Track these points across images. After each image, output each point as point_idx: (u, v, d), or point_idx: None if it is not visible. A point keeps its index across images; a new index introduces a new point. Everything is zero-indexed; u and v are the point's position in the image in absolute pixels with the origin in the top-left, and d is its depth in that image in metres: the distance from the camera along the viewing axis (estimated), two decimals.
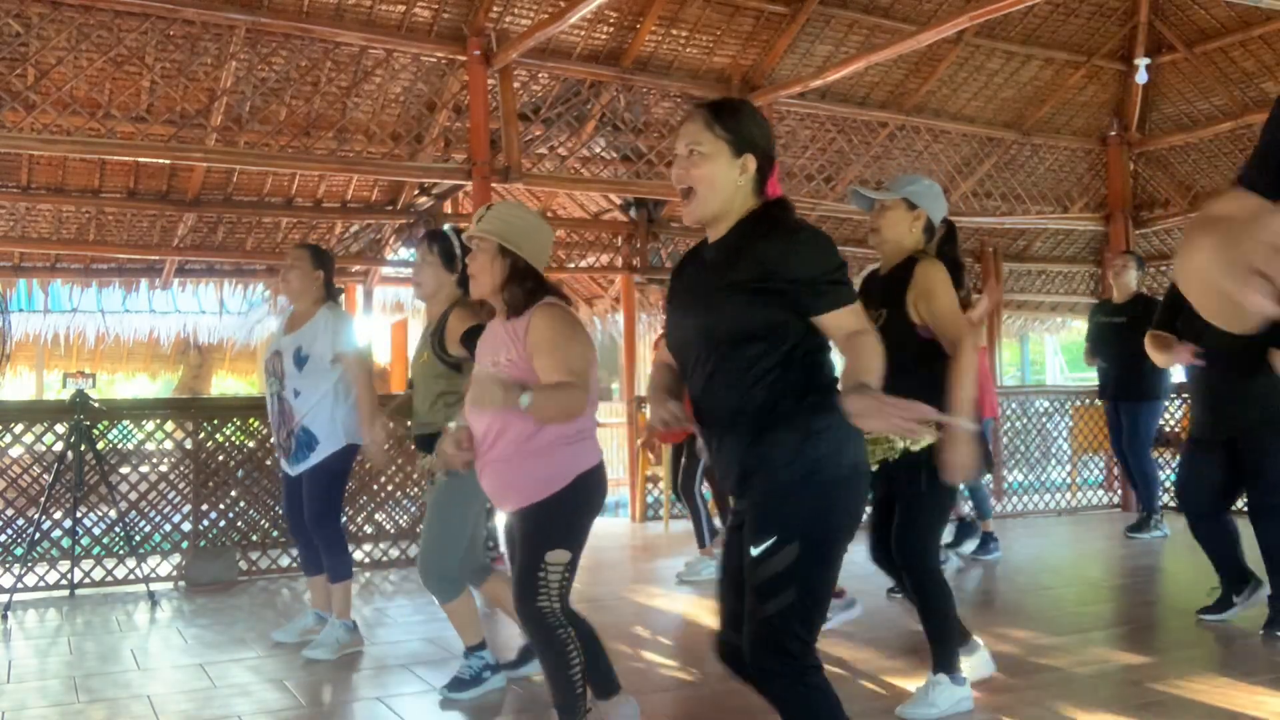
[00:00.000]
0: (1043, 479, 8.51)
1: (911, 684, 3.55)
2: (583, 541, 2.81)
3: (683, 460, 5.91)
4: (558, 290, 2.88)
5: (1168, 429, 8.00)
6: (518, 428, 2.70)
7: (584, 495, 2.76)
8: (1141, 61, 8.35)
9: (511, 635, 4.21)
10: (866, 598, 4.98)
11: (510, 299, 2.78)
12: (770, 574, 2.01)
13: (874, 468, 3.15)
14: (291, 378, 4.19)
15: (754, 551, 2.03)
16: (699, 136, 2.14)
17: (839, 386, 2.03)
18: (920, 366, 3.13)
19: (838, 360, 2.13)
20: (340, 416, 4.19)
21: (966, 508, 6.21)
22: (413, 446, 4.29)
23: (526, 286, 2.77)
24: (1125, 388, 6.76)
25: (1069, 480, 8.80)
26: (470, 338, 3.32)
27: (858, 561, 5.76)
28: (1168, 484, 7.56)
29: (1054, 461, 8.81)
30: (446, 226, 3.92)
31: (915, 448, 3.06)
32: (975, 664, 3.48)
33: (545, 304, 2.75)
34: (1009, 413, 8.55)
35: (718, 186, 2.13)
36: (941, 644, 3.25)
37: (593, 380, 2.80)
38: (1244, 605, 4.38)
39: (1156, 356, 4.88)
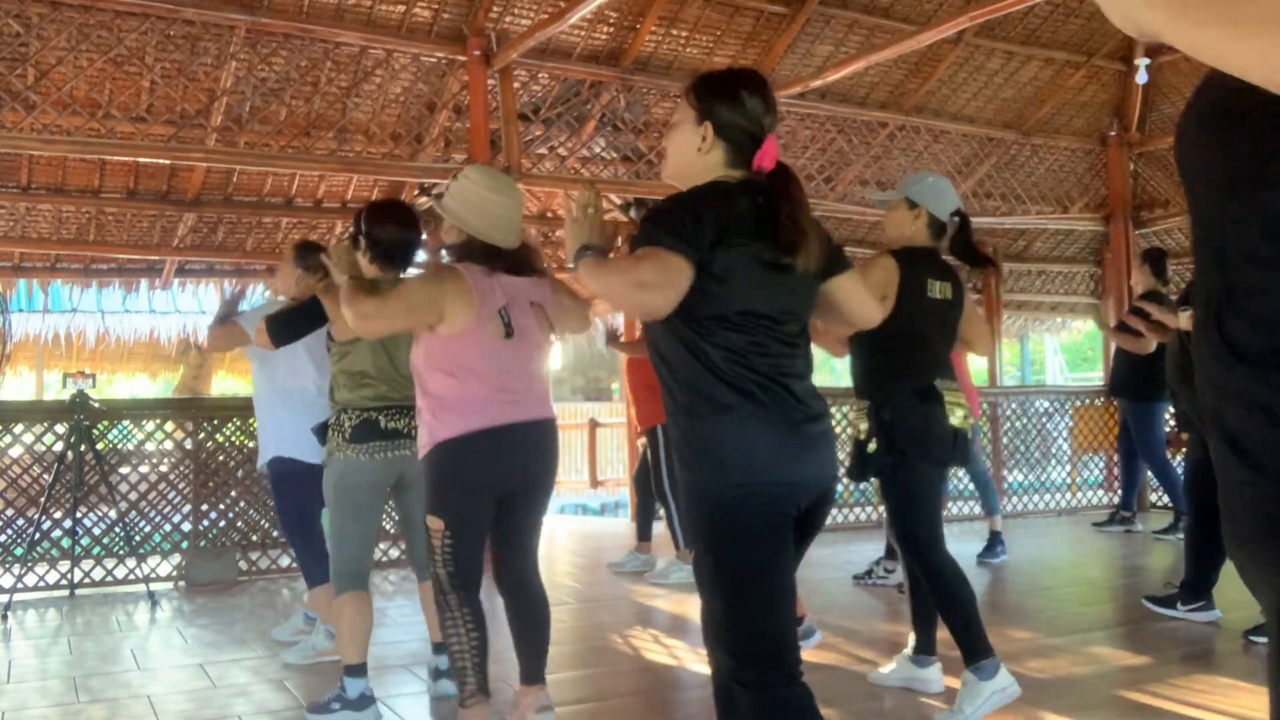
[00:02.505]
0: (1043, 479, 8.51)
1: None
2: (456, 511, 2.80)
3: (649, 456, 5.82)
4: (481, 254, 2.88)
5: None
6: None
7: (441, 465, 2.81)
8: (1141, 61, 8.34)
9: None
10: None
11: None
12: (699, 582, 2.02)
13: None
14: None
15: None
16: (679, 104, 2.16)
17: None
18: (866, 355, 3.23)
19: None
20: (270, 428, 4.11)
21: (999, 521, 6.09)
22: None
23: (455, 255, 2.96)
24: (1123, 387, 6.82)
25: (1069, 480, 8.80)
26: (281, 316, 3.58)
27: (857, 562, 5.79)
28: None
29: (1054, 461, 8.82)
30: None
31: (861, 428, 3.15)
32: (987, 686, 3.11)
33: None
34: (1009, 413, 8.55)
35: (677, 153, 2.12)
36: (959, 635, 3.09)
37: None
38: (1183, 617, 4.43)
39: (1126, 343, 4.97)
